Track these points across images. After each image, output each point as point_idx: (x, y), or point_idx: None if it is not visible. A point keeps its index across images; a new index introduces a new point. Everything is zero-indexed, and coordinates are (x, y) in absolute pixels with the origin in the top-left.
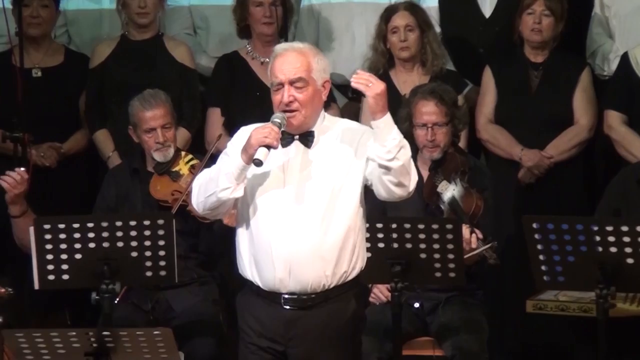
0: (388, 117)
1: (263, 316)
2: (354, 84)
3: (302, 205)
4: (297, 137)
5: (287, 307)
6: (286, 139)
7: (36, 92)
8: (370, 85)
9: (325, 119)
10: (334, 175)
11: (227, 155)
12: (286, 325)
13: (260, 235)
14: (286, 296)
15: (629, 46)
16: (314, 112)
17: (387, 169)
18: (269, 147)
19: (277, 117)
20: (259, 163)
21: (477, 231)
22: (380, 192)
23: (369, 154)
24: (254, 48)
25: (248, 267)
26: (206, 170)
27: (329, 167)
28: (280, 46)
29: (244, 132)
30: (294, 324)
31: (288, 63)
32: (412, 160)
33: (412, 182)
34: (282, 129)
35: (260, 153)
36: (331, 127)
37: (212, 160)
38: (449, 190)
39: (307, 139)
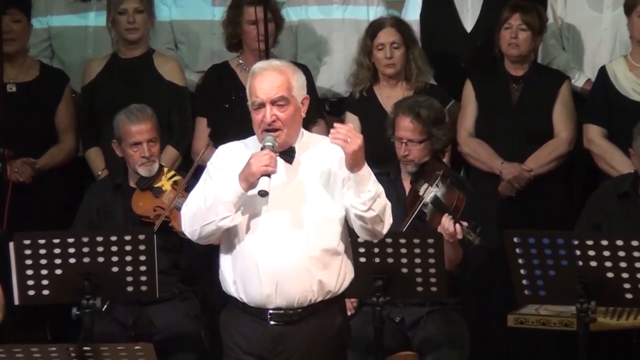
0: (364, 170)
1: (249, 332)
2: (331, 141)
3: (286, 221)
4: (278, 153)
5: (273, 322)
6: None
7: (11, 107)
8: (348, 141)
9: (304, 135)
10: (318, 191)
11: (211, 178)
12: (273, 341)
13: (245, 252)
14: (272, 312)
15: (583, 59)
16: (295, 129)
17: (362, 217)
18: (269, 174)
19: (269, 140)
20: (265, 194)
21: (461, 222)
22: (354, 229)
23: (345, 202)
24: (245, 61)
25: (232, 284)
26: (195, 197)
27: (311, 182)
28: (259, 65)
29: (224, 152)
30: (281, 340)
31: (269, 82)
32: (388, 207)
33: (385, 228)
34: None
35: (264, 183)
36: (311, 143)
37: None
38: (432, 192)
39: (289, 155)
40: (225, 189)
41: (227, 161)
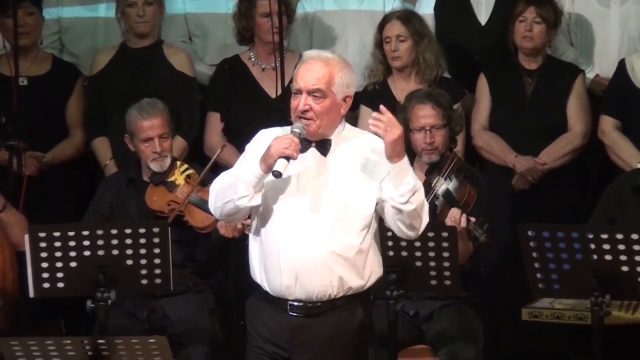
0: (404, 162)
1: (270, 321)
2: (372, 127)
3: (312, 213)
4: (314, 144)
5: (293, 314)
6: (303, 146)
7: (22, 100)
8: (388, 130)
9: (346, 129)
10: (348, 186)
11: (246, 160)
12: (291, 332)
13: (269, 241)
14: (292, 303)
15: (591, 54)
16: (330, 123)
17: (400, 211)
18: (288, 158)
19: (297, 127)
20: (278, 175)
21: (470, 217)
22: (391, 228)
23: (383, 194)
24: (257, 54)
25: (258, 271)
26: (223, 175)
27: (343, 177)
28: (309, 53)
29: (264, 136)
30: (299, 332)
31: (311, 72)
32: (426, 205)
33: (422, 224)
34: (302, 138)
35: (280, 165)
36: (351, 138)
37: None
38: (444, 185)
39: (324, 146)
40: (246, 170)
41: (265, 145)
